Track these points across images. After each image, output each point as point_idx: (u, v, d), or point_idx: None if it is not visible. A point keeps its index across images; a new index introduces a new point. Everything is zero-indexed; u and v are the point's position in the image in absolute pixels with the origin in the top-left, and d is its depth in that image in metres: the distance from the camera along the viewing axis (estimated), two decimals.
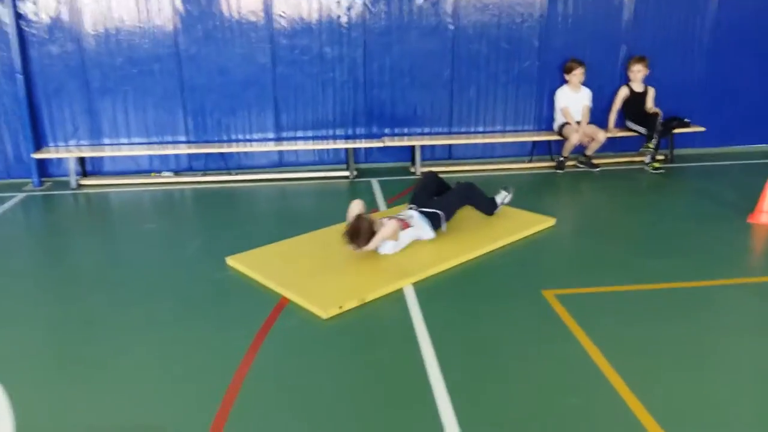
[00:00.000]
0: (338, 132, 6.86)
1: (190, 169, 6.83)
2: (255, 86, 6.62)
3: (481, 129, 7.05)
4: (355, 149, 6.79)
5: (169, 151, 6.53)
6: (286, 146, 6.64)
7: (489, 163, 7.01)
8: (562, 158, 6.70)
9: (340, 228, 4.88)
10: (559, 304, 3.66)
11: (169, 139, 6.71)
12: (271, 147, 6.63)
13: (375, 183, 6.42)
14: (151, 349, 3.33)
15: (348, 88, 6.73)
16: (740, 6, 6.98)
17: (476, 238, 4.59)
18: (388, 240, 4.26)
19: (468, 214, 4.95)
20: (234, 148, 6.57)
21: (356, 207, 4.45)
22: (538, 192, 6.13)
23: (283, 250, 4.51)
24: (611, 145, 7.04)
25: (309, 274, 4.05)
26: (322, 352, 3.27)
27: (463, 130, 7.03)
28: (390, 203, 5.69)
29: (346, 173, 6.62)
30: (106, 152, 6.52)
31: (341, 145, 6.64)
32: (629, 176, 6.58)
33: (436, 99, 6.89)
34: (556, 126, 6.86)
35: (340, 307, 3.63)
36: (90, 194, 6.31)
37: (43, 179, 6.65)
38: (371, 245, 4.20)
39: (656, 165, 6.61)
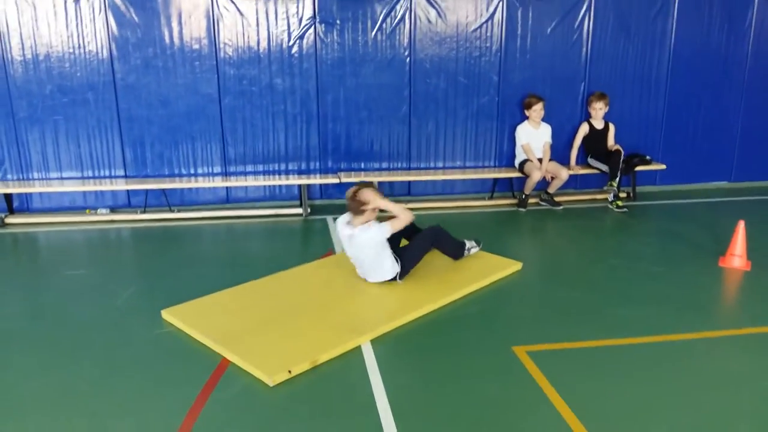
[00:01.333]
0: (291, 167, 6.46)
1: (129, 206, 6.30)
2: (200, 118, 6.18)
3: (441, 165, 6.78)
4: (309, 185, 6.41)
5: (105, 187, 5.99)
6: (233, 182, 6.19)
7: (449, 200, 6.72)
8: (524, 196, 6.47)
9: (290, 275, 4.50)
10: (532, 363, 3.32)
11: (106, 173, 6.18)
12: (217, 183, 6.18)
13: (330, 221, 6.03)
14: (64, 425, 2.81)
15: (301, 121, 6.36)
16: (696, 42, 6.97)
17: (440, 285, 4.24)
18: (385, 226, 4.07)
19: (431, 257, 4.61)
20: (177, 184, 6.08)
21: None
22: (501, 232, 5.85)
23: (225, 300, 4.05)
24: (573, 182, 6.86)
25: (254, 331, 3.61)
26: (268, 426, 2.82)
27: (422, 165, 6.74)
28: None
29: (299, 210, 6.21)
30: (35, 188, 5.93)
31: (294, 180, 6.23)
32: (593, 215, 6.38)
33: (393, 133, 6.59)
34: (517, 163, 6.64)
35: (289, 372, 3.20)
36: (15, 234, 5.71)
37: None
38: (377, 199, 4.10)
39: (619, 203, 6.44)
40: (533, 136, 6.50)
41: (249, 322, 3.72)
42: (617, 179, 6.35)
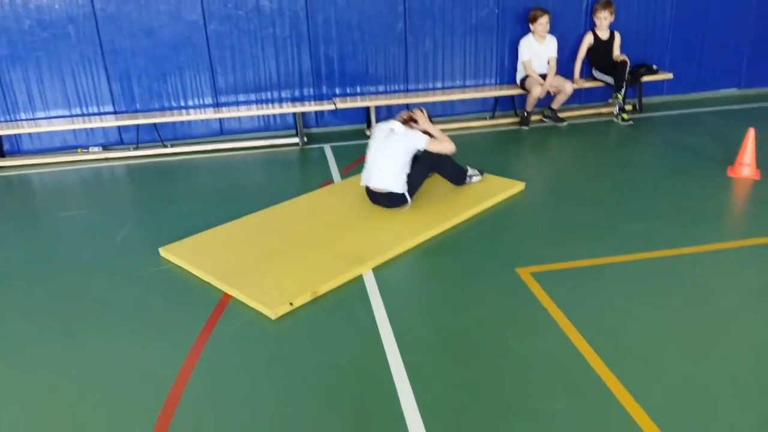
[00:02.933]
0: (284, 94, 6.25)
1: (121, 143, 6.15)
2: (186, 47, 5.92)
3: (439, 85, 6.53)
4: (303, 113, 6.22)
5: (94, 124, 5.82)
6: (225, 113, 6.00)
7: (449, 121, 6.52)
8: (526, 113, 6.27)
9: (289, 206, 4.41)
10: (536, 284, 3.27)
11: (94, 110, 5.99)
12: (209, 115, 5.98)
13: (328, 149, 5.88)
14: (67, 366, 2.81)
15: (291, 45, 6.08)
16: None
17: (442, 210, 4.15)
18: (424, 137, 4.15)
19: (431, 183, 4.50)
20: (167, 118, 5.90)
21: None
22: (503, 152, 5.69)
23: (223, 235, 3.98)
24: (576, 97, 6.62)
25: (254, 265, 3.55)
26: (271, 358, 2.80)
27: (420, 87, 6.50)
28: (345, 172, 5.18)
29: (295, 140, 6.05)
30: (23, 129, 5.76)
31: (288, 109, 6.03)
32: (598, 129, 6.19)
33: (389, 54, 6.31)
34: (518, 79, 6.38)
35: (291, 304, 3.16)
36: (7, 177, 5.60)
37: None
38: (426, 121, 4.27)
39: (625, 116, 6.23)
40: (537, 51, 6.20)
41: (249, 256, 3.66)
42: (623, 91, 6.11)
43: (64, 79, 5.84)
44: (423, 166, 4.22)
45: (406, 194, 4.12)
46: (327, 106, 6.05)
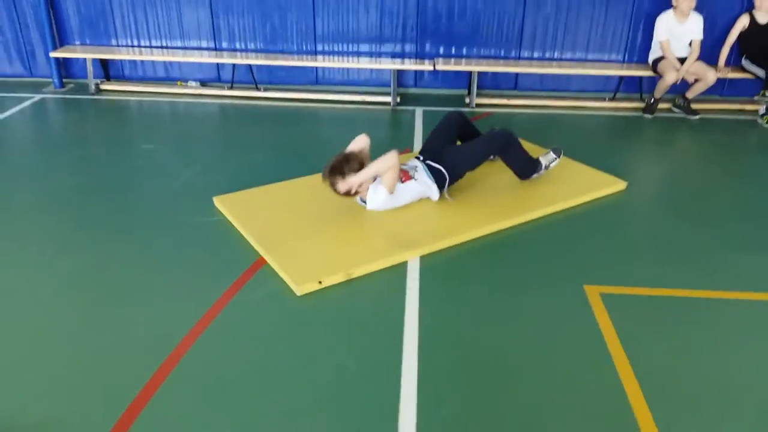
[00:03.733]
0: (384, 48, 5.87)
1: (219, 81, 6.11)
2: None
3: (557, 56, 5.85)
4: (400, 71, 5.82)
5: (191, 58, 5.79)
6: (320, 62, 5.73)
7: (562, 98, 5.85)
8: (653, 100, 5.46)
9: None
10: (603, 309, 2.75)
11: (195, 44, 5.97)
12: (305, 62, 5.72)
13: (419, 113, 5.48)
14: (84, 305, 2.75)
15: None
16: None
17: (517, 200, 3.66)
18: (379, 186, 3.42)
19: (500, 169, 3.96)
20: (262, 60, 5.73)
21: (359, 142, 3.59)
22: (615, 141, 4.99)
23: (280, 194, 3.76)
24: (718, 87, 5.66)
25: (298, 232, 3.30)
26: (279, 338, 2.56)
27: (535, 55, 5.85)
28: None
29: (388, 99, 5.69)
30: (125, 55, 5.87)
31: (384, 65, 5.65)
32: (736, 130, 5.27)
33: (504, 13, 5.70)
34: (650, 59, 5.54)
35: (320, 282, 2.89)
36: (107, 101, 5.76)
37: (66, 80, 6.16)
38: (352, 181, 3.33)
39: None
40: (677, 31, 5.31)
41: (296, 221, 3.42)
42: None
43: (168, 11, 5.84)
44: (486, 146, 3.69)
45: (446, 185, 3.61)
46: (426, 66, 5.60)
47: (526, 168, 3.84)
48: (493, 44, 5.81)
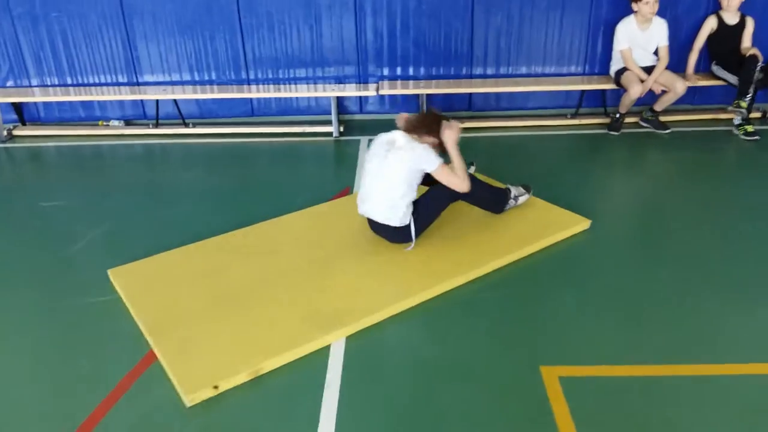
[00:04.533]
0: (322, 73, 5.33)
1: (144, 118, 5.54)
2: (212, 11, 5.09)
3: (512, 71, 5.36)
4: (342, 98, 5.29)
5: (108, 96, 5.19)
6: (253, 93, 5.17)
7: (520, 117, 5.36)
8: (618, 115, 4.99)
9: (281, 224, 3.56)
10: (562, 399, 2.23)
11: (112, 79, 5.38)
12: (233, 93, 5.14)
13: (364, 144, 4.96)
14: None
15: (334, 15, 5.13)
16: None
17: (464, 251, 3.12)
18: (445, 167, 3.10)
19: (465, 207, 3.46)
20: (188, 95, 5.16)
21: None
22: (578, 165, 4.49)
23: (185, 261, 3.19)
24: (689, 96, 5.18)
25: (200, 313, 2.75)
26: None
27: (488, 72, 5.36)
28: None
29: (329, 128, 5.16)
30: (35, 96, 5.27)
31: (322, 92, 5.11)
32: (712, 143, 4.80)
33: (451, 30, 5.20)
34: (612, 71, 5.07)
35: (215, 387, 2.34)
36: (19, 149, 5.15)
37: None
38: (453, 149, 3.16)
39: (749, 128, 4.80)
40: (639, 38, 4.84)
41: (203, 297, 2.85)
42: (748, 97, 4.68)
43: (81, 44, 5.26)
44: (441, 193, 3.19)
45: (412, 230, 3.13)
46: (369, 92, 5.08)
47: (496, 202, 3.43)
48: (442, 62, 5.30)
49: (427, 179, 3.28)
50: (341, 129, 5.15)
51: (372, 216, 3.17)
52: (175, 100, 5.26)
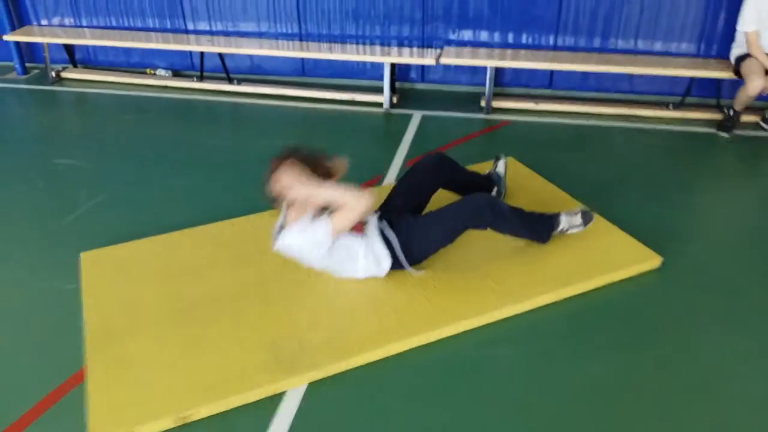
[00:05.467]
0: (384, 31, 4.66)
1: (192, 68, 5.16)
2: None
3: (608, 45, 4.45)
4: (397, 65, 4.60)
5: (149, 44, 4.81)
6: (295, 52, 4.60)
7: (609, 102, 4.47)
8: (732, 113, 4.00)
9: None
10: None
11: (165, 25, 5.03)
12: (281, 52, 4.62)
13: (416, 120, 4.31)
14: None
15: None
16: None
17: (476, 287, 2.48)
18: (322, 219, 2.33)
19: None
20: (233, 48, 4.66)
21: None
22: (667, 174, 3.57)
23: (166, 251, 2.78)
24: None
25: (155, 323, 2.34)
26: None
27: (578, 43, 4.48)
28: (409, 165, 3.63)
29: (381, 98, 4.54)
30: (83, 39, 5.00)
31: (369, 57, 4.44)
32: None
33: None
34: (732, 56, 4.04)
35: None
36: (62, 93, 4.94)
37: (31, 66, 5.42)
38: (306, 186, 2.30)
39: None
40: None
41: (163, 303, 2.44)
42: None
43: None
44: (452, 216, 2.49)
45: (401, 259, 2.48)
46: (427, 60, 4.37)
47: (534, 233, 2.66)
48: (522, 28, 4.48)
49: (448, 186, 2.66)
50: (395, 99, 4.51)
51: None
52: (220, 54, 4.82)
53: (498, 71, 4.40)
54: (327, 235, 2.31)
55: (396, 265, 2.47)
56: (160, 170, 3.67)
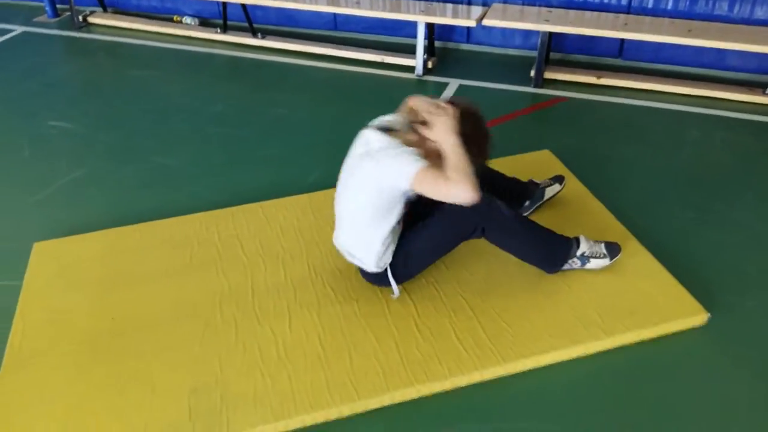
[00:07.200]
0: None
1: (219, 17, 4.72)
2: None
3: (692, 8, 3.63)
4: (431, 24, 3.94)
5: None
6: (321, 6, 4.03)
7: (688, 81, 3.67)
8: None
9: (264, 211, 2.66)
10: None
11: None
12: (305, 4, 4.07)
13: (451, 90, 3.72)
14: None
15: None
16: None
17: (465, 332, 1.98)
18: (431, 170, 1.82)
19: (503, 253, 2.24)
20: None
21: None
22: (742, 191, 2.79)
23: (127, 248, 2.46)
24: None
25: (81, 346, 2.03)
26: None
27: (657, 5, 3.69)
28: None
29: (412, 61, 3.94)
30: None
31: (403, 14, 3.80)
32: None
33: None
34: None
35: None
36: (85, 41, 4.67)
37: (62, 8, 5.17)
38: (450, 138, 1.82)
39: None
40: None
41: (99, 322, 2.12)
42: None
43: None
44: (442, 224, 2.02)
45: (388, 274, 2.06)
46: (468, 21, 3.71)
47: (540, 254, 2.14)
48: None
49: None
50: (430, 64, 3.91)
51: (342, 252, 2.13)
52: (243, 5, 4.34)
53: (554, 34, 3.70)
54: (407, 177, 1.80)
55: (383, 279, 2.07)
56: (149, 144, 3.30)
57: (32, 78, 4.12)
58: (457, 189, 1.76)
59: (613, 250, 2.16)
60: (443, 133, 1.81)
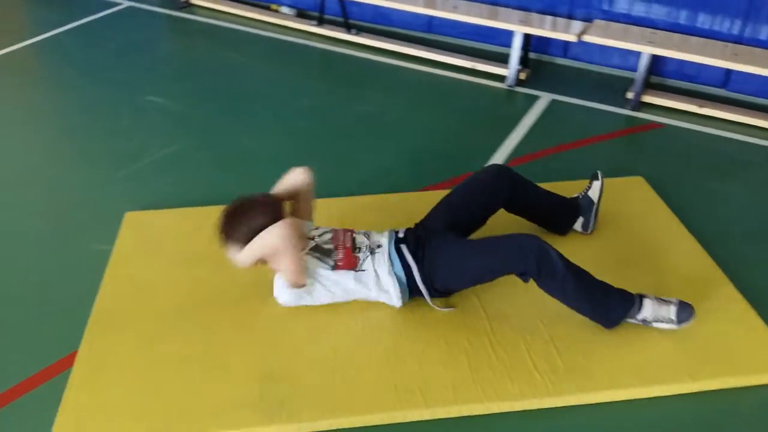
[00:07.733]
0: None
1: (316, 10, 4.79)
2: None
3: None
4: (529, 35, 3.86)
5: None
6: (416, 7, 4.01)
7: None
8: None
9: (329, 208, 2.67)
10: None
11: None
12: (401, 4, 4.08)
13: (542, 104, 3.63)
14: None
15: None
16: None
17: (535, 360, 1.93)
18: (287, 270, 1.98)
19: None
20: None
21: (291, 180, 2.18)
22: None
23: (208, 226, 2.52)
24: None
25: (163, 318, 2.11)
26: None
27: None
28: (533, 159, 3.05)
29: (503, 71, 3.88)
30: None
31: (500, 22, 3.74)
32: None
33: None
34: None
35: None
36: (184, 21, 4.83)
37: None
38: (245, 253, 1.98)
39: None
40: None
41: (179, 294, 2.20)
42: None
43: None
44: (488, 261, 1.99)
45: (421, 288, 2.03)
46: (567, 35, 3.62)
47: (595, 311, 2.00)
48: (699, 5, 3.55)
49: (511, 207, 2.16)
50: (523, 75, 3.85)
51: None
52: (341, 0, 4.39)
53: (656, 57, 3.56)
54: (287, 287, 2.02)
55: (416, 292, 2.05)
56: (236, 128, 3.39)
57: (136, 52, 4.31)
58: (276, 242, 1.92)
59: (684, 314, 1.98)
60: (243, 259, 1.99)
